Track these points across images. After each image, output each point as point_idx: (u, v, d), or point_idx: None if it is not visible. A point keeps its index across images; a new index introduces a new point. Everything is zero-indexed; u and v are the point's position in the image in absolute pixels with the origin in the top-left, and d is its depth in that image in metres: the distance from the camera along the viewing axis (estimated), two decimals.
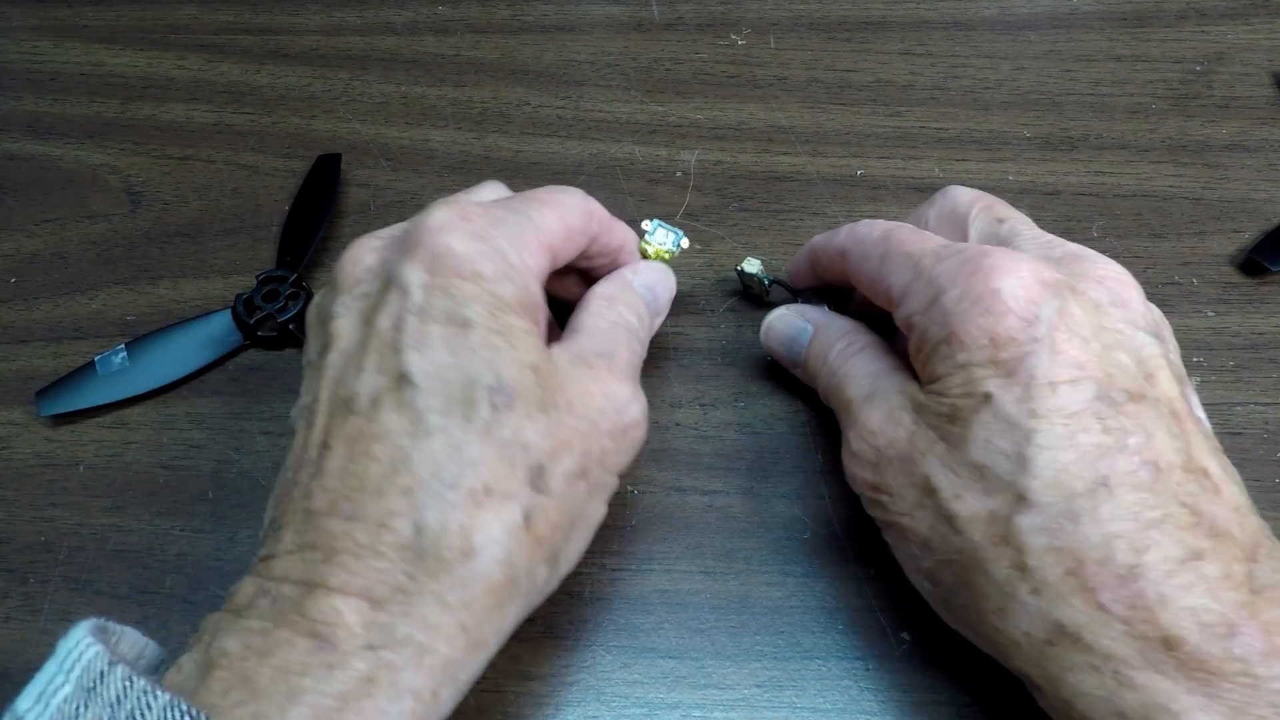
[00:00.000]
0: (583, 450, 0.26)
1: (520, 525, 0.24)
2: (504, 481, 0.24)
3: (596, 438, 0.26)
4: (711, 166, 0.41)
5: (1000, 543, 0.24)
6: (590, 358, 0.28)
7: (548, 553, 0.25)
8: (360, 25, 0.46)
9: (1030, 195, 0.40)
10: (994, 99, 0.43)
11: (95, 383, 0.35)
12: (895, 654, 0.30)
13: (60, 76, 0.44)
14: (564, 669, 0.30)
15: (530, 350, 0.25)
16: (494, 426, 0.24)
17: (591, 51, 0.45)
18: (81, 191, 0.41)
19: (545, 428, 0.25)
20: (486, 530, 0.23)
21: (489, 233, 0.26)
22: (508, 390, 0.24)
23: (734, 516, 0.32)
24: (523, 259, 0.27)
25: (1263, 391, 0.34)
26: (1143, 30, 0.45)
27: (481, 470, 0.24)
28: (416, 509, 0.23)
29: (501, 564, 0.24)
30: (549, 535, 0.25)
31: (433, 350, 0.24)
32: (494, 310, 0.25)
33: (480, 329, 0.25)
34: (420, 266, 0.25)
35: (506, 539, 0.24)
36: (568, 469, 0.25)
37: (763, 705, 0.29)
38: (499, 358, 0.25)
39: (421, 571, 0.23)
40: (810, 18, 0.46)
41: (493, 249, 0.26)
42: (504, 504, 0.24)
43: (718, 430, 0.34)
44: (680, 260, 0.37)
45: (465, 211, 0.26)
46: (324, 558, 0.23)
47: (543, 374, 0.25)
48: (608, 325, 0.29)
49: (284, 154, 0.42)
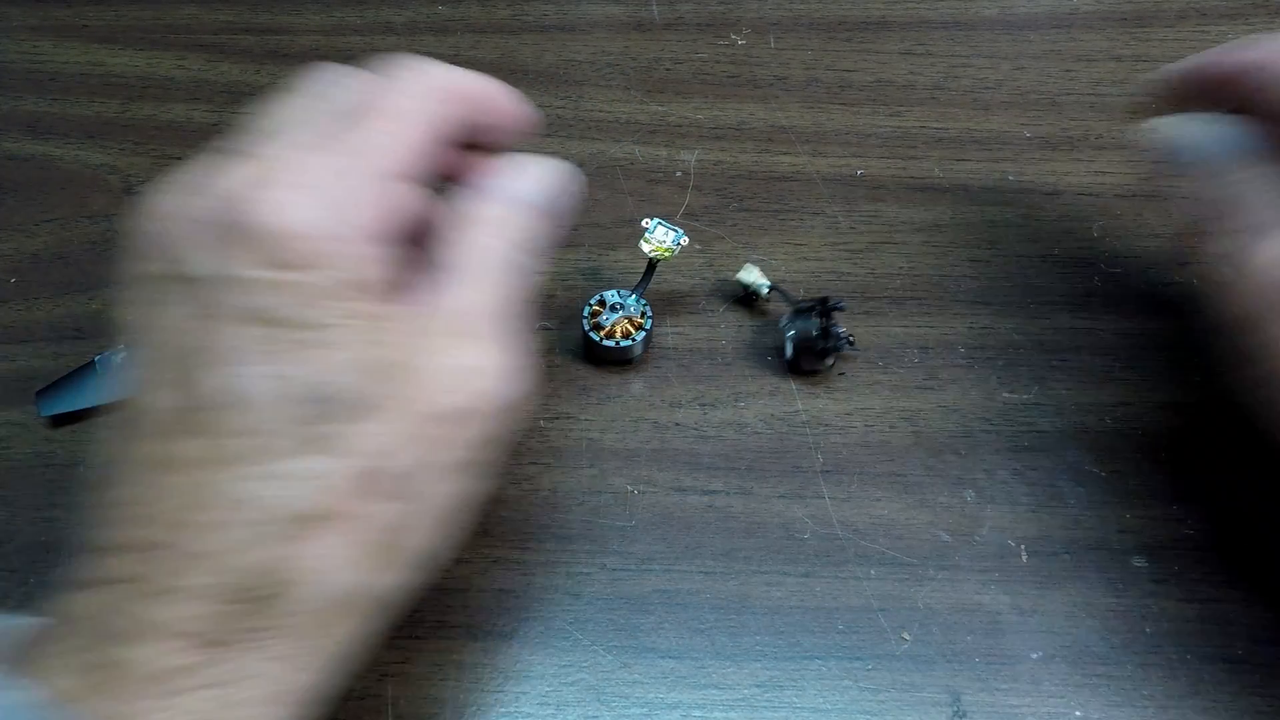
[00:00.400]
0: (436, 439, 0.23)
1: (351, 542, 0.21)
2: (332, 499, 0.21)
3: (454, 421, 0.23)
4: (711, 166, 0.41)
5: None
6: (452, 322, 0.24)
7: (389, 559, 0.22)
8: (360, 25, 0.46)
9: (1030, 195, 0.40)
10: (994, 99, 0.43)
11: (95, 383, 0.35)
12: (895, 654, 0.30)
13: (60, 76, 0.44)
14: (564, 669, 0.30)
15: (368, 343, 0.22)
16: (321, 440, 0.21)
17: (591, 51, 0.45)
18: (81, 191, 0.41)
19: (385, 428, 0.22)
20: (312, 556, 0.21)
21: (316, 200, 0.22)
22: (332, 398, 0.21)
23: (734, 516, 0.32)
24: (362, 217, 0.23)
25: None
26: (1143, 30, 0.45)
27: (306, 490, 0.21)
28: (233, 547, 0.20)
29: (331, 587, 0.21)
30: (388, 542, 0.22)
31: (247, 359, 0.21)
32: (323, 300, 0.21)
33: (305, 328, 0.21)
34: (233, 251, 0.21)
35: (339, 562, 0.21)
36: (412, 464, 0.22)
37: (763, 705, 0.29)
38: (329, 359, 0.21)
39: (248, 610, 0.20)
40: (810, 18, 0.46)
41: (323, 223, 0.22)
42: (331, 524, 0.21)
43: (718, 430, 0.34)
44: (680, 260, 0.37)
45: (287, 173, 0.22)
46: (149, 596, 0.20)
47: (383, 366, 0.22)
48: (483, 267, 0.25)
49: None
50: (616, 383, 0.35)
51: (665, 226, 0.34)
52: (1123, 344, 0.36)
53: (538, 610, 0.30)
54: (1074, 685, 0.29)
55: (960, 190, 0.40)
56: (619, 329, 0.34)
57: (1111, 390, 0.34)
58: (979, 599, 0.30)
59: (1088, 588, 0.31)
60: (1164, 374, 0.35)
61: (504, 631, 0.30)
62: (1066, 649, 0.30)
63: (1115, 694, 0.29)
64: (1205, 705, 0.28)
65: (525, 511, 0.32)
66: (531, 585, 0.31)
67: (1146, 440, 0.33)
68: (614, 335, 0.34)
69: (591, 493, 0.33)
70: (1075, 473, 0.33)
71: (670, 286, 0.37)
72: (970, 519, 0.32)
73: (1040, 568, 0.31)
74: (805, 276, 0.37)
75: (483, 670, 0.29)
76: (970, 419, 0.34)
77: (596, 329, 0.34)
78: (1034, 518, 0.32)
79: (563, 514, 0.32)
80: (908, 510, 0.32)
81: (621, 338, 0.34)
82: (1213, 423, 0.34)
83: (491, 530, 0.32)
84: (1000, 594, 0.31)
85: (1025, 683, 0.29)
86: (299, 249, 0.21)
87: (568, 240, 0.38)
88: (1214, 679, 0.29)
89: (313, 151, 0.23)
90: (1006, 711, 0.29)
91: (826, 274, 0.38)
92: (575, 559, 0.31)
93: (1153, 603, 0.30)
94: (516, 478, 0.33)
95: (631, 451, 0.34)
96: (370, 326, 0.22)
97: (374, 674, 0.29)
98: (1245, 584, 0.30)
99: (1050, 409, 0.34)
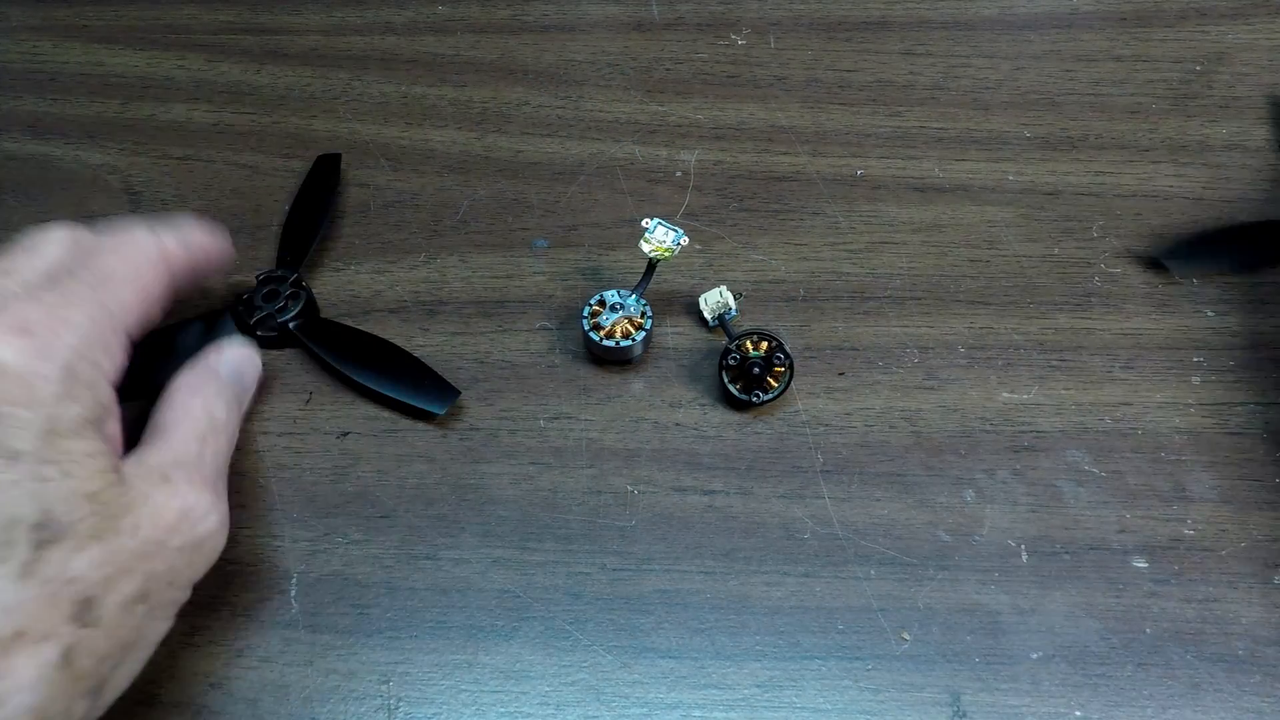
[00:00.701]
0: (146, 573, 0.25)
1: (57, 665, 0.22)
2: (41, 622, 0.22)
3: (165, 556, 0.25)
4: (711, 166, 0.41)
5: None
6: (169, 469, 0.26)
7: (90, 685, 0.24)
8: (360, 25, 0.46)
9: (1030, 195, 0.40)
10: (994, 99, 0.43)
11: None
12: (895, 654, 0.30)
13: (60, 76, 0.44)
14: (564, 669, 0.30)
15: (90, 478, 0.24)
16: (35, 565, 0.22)
17: (591, 51, 0.45)
18: (81, 191, 0.41)
19: (99, 557, 0.23)
20: (14, 678, 0.22)
21: (52, 346, 0.24)
22: (55, 525, 0.23)
23: (734, 516, 0.32)
24: (95, 363, 0.25)
25: (1262, 392, 0.34)
26: (1143, 30, 0.45)
27: (15, 615, 0.22)
28: None
29: (31, 710, 0.22)
30: (93, 668, 0.23)
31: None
32: (50, 437, 0.23)
33: (29, 460, 0.23)
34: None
35: (39, 684, 0.22)
36: (124, 596, 0.24)
37: (763, 705, 0.29)
38: (49, 491, 0.23)
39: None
40: (810, 18, 0.46)
41: (56, 367, 0.24)
42: (38, 647, 0.22)
43: (718, 430, 0.34)
44: (680, 260, 0.37)
45: (23, 321, 0.24)
46: None
47: (103, 500, 0.24)
48: (190, 423, 0.28)
49: (284, 154, 0.42)
50: (616, 383, 0.35)
51: (665, 226, 0.34)
52: (1123, 344, 0.36)
53: (538, 610, 0.31)
54: (1074, 685, 0.29)
55: (960, 190, 0.40)
56: (619, 329, 0.34)
57: (1111, 390, 0.34)
58: (979, 599, 0.30)
59: (1088, 588, 0.31)
60: (1164, 374, 0.35)
61: (504, 631, 0.30)
62: (1066, 649, 0.30)
63: (1115, 694, 0.29)
64: (1205, 705, 0.28)
65: (525, 511, 0.32)
66: (531, 585, 0.31)
67: (1146, 440, 0.33)
68: (614, 335, 0.34)
69: (591, 493, 0.33)
70: (1075, 473, 0.33)
71: (670, 286, 0.37)
72: (970, 519, 0.32)
73: (1040, 568, 0.31)
74: (805, 276, 0.37)
75: (483, 670, 0.29)
76: (970, 419, 0.34)
77: (596, 329, 0.34)
78: (1034, 518, 0.32)
79: (563, 514, 0.32)
80: (908, 510, 0.32)
81: (621, 338, 0.34)
82: (1213, 423, 0.34)
83: (491, 530, 0.32)
84: (1000, 594, 0.31)
85: (1025, 683, 0.29)
86: (47, 393, 0.24)
87: (567, 240, 0.39)
88: (1214, 679, 0.29)
89: (73, 301, 0.26)
90: (1006, 711, 0.29)
91: (826, 274, 0.38)
92: (575, 559, 0.31)
93: (1153, 603, 0.30)
94: (516, 478, 0.33)
95: (631, 451, 0.34)
96: (96, 464, 0.24)
97: (374, 674, 0.29)
98: (1245, 584, 0.30)
99: (1050, 409, 0.34)
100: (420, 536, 0.32)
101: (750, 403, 0.34)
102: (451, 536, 0.32)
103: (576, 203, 0.40)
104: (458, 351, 0.36)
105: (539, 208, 0.40)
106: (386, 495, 0.33)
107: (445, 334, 0.36)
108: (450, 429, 0.34)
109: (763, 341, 0.33)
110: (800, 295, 0.37)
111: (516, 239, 0.39)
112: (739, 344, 0.33)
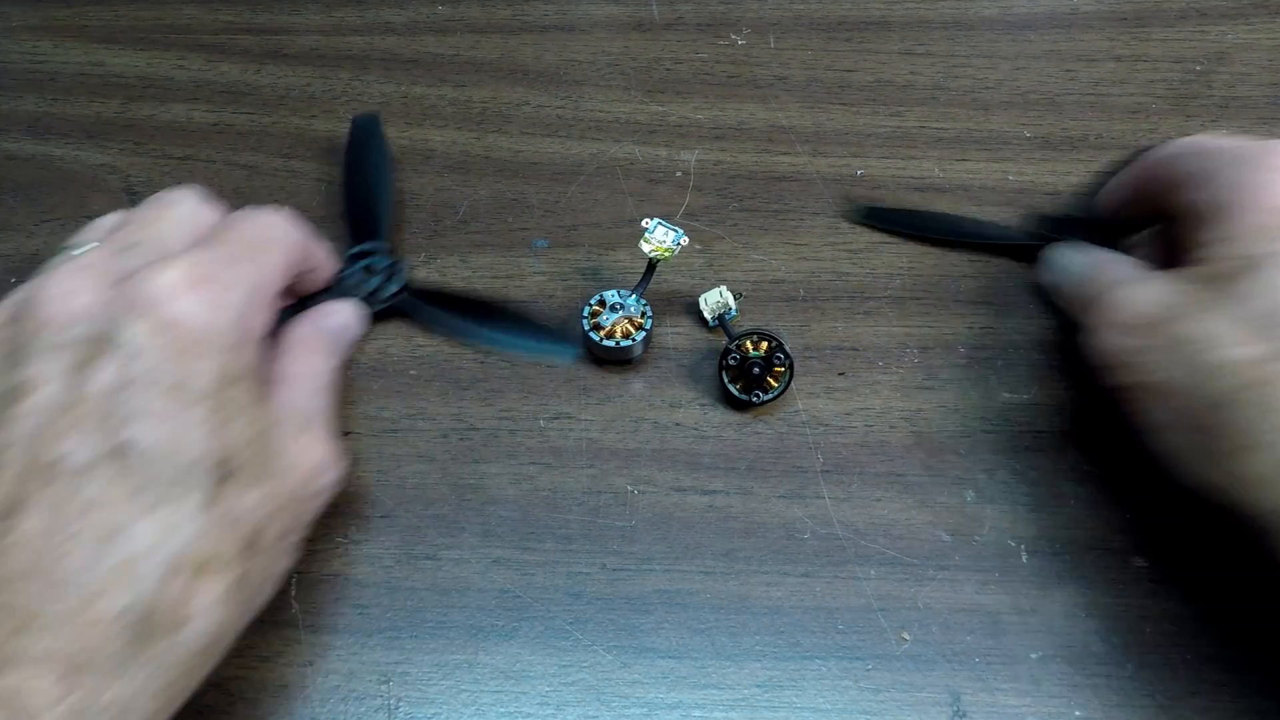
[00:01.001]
0: (292, 513, 0.27)
1: (231, 590, 0.25)
2: (222, 553, 0.25)
3: (303, 500, 0.28)
4: (711, 166, 0.41)
5: (1260, 384, 0.25)
6: (304, 420, 0.29)
7: (249, 609, 0.27)
8: (360, 25, 0.46)
9: (1030, 195, 0.40)
10: (994, 99, 0.43)
11: None
12: (895, 654, 0.30)
13: (60, 76, 0.44)
14: (564, 669, 0.30)
15: (254, 421, 0.26)
16: (215, 500, 0.25)
17: (591, 51, 0.45)
18: (81, 191, 0.41)
19: (261, 496, 0.26)
20: (201, 601, 0.24)
21: (225, 300, 0.26)
22: (230, 463, 0.25)
23: (734, 516, 0.32)
24: (255, 320, 0.28)
25: None
26: (1143, 30, 0.45)
27: (201, 544, 0.24)
28: (134, 582, 0.23)
29: (211, 630, 0.25)
30: (253, 595, 0.27)
31: (158, 421, 0.24)
32: (225, 382, 0.25)
33: (208, 402, 0.25)
34: (151, 329, 0.25)
35: (218, 607, 0.25)
36: (277, 532, 0.27)
37: (763, 705, 0.29)
38: (226, 432, 0.25)
39: (133, 641, 0.23)
40: (810, 18, 0.46)
41: (230, 319, 0.26)
42: (220, 574, 0.25)
43: (718, 430, 0.34)
44: (680, 260, 0.37)
45: (204, 273, 0.26)
46: (18, 626, 0.22)
47: (264, 442, 0.26)
48: (311, 377, 0.31)
49: (284, 154, 0.42)
50: (616, 383, 0.35)
51: (665, 226, 0.34)
52: None
53: (538, 610, 0.31)
54: (1074, 685, 0.29)
55: (960, 190, 0.40)
56: (619, 329, 0.34)
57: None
58: (979, 599, 0.30)
59: (1088, 588, 0.31)
60: None
61: (504, 631, 0.30)
62: (1066, 649, 0.30)
63: (1115, 694, 0.29)
64: (1205, 705, 0.28)
65: (525, 511, 0.32)
66: (531, 585, 0.31)
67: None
68: (614, 335, 0.34)
69: (591, 493, 0.33)
70: (1075, 473, 0.33)
71: (670, 287, 0.37)
72: (970, 519, 0.32)
73: (1040, 568, 0.31)
74: (805, 276, 0.37)
75: (483, 670, 0.29)
76: (970, 419, 0.34)
77: (596, 329, 0.34)
78: (1034, 518, 0.32)
79: (563, 514, 0.32)
80: (908, 510, 0.32)
81: (622, 338, 0.34)
82: None
83: (491, 530, 0.32)
84: (1000, 594, 0.31)
85: (1025, 683, 0.29)
86: (224, 342, 0.26)
87: (567, 240, 0.39)
88: (1214, 679, 0.29)
89: (239, 264, 0.28)
90: (1006, 711, 0.29)
91: (826, 274, 0.38)
92: (575, 559, 0.31)
93: (1153, 603, 0.30)
94: (516, 478, 0.33)
95: (631, 451, 0.34)
96: (258, 410, 0.27)
97: (374, 674, 0.29)
98: (1245, 584, 0.30)
99: (1050, 409, 0.34)
100: (420, 536, 0.32)
101: (750, 403, 0.34)
102: (451, 536, 0.32)
103: (576, 203, 0.40)
104: (458, 351, 0.36)
105: (539, 208, 0.40)
106: (386, 495, 0.33)
107: None
108: (450, 429, 0.34)
109: (763, 341, 0.33)
110: (800, 295, 0.37)
111: (516, 239, 0.39)
112: (739, 344, 0.33)
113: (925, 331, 0.36)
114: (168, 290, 0.25)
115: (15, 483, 0.23)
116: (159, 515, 0.24)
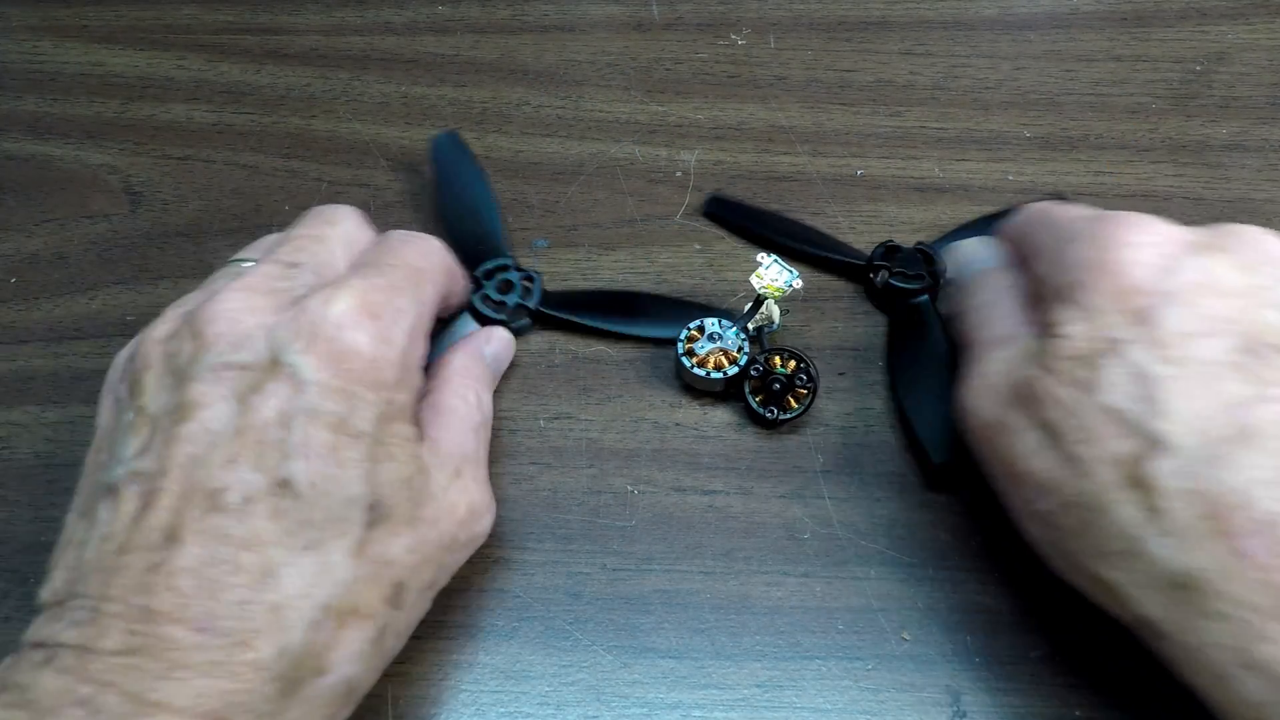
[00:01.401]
0: (439, 564, 0.26)
1: (374, 641, 0.24)
2: (367, 602, 0.24)
3: (452, 550, 0.27)
4: (711, 166, 0.41)
5: (1130, 485, 0.23)
6: (458, 463, 0.28)
7: (386, 661, 0.26)
8: (360, 25, 0.46)
9: (1030, 195, 0.39)
10: (994, 99, 0.43)
11: None
12: (895, 654, 0.30)
13: (60, 76, 0.44)
14: (564, 669, 0.30)
15: (409, 462, 0.25)
16: (366, 544, 0.24)
17: (591, 51, 0.45)
18: (81, 191, 0.41)
19: (410, 544, 0.25)
20: (343, 652, 0.23)
21: (393, 335, 0.26)
22: (382, 506, 0.24)
23: (734, 516, 0.32)
24: (415, 354, 0.27)
25: None
26: (1143, 30, 0.45)
27: (350, 591, 0.23)
28: (283, 629, 0.22)
29: (350, 680, 0.24)
30: (394, 646, 0.26)
31: (320, 458, 0.23)
32: (385, 420, 0.25)
33: (369, 440, 0.24)
34: (320, 361, 0.24)
35: (359, 658, 0.24)
36: (423, 583, 0.26)
37: (763, 705, 0.29)
38: (381, 472, 0.24)
39: (279, 693, 0.22)
40: (810, 18, 0.46)
41: (396, 355, 0.25)
42: (363, 624, 0.24)
43: (718, 430, 0.34)
44: (681, 260, 0.37)
45: (374, 303, 0.25)
46: (164, 670, 0.21)
47: (414, 486, 0.25)
48: (467, 412, 0.29)
49: (284, 154, 0.42)
50: (616, 383, 0.35)
51: (780, 265, 0.33)
52: None
53: (538, 610, 0.31)
54: (1074, 685, 0.29)
55: (960, 190, 0.40)
56: (712, 359, 0.33)
57: None
58: (979, 599, 0.30)
59: None
60: None
61: (504, 631, 0.30)
62: (1066, 648, 0.30)
63: (1115, 694, 0.29)
64: None
65: (525, 511, 0.32)
66: (531, 585, 0.31)
67: None
68: (705, 364, 0.33)
69: (591, 493, 0.33)
70: None
71: (670, 287, 0.37)
72: (970, 519, 0.32)
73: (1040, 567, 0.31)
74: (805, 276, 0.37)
75: (483, 670, 0.29)
76: None
77: (690, 354, 0.33)
78: None
79: (563, 514, 0.32)
80: (908, 510, 0.32)
81: (714, 369, 0.33)
82: None
83: (492, 530, 0.32)
84: (1000, 594, 0.31)
85: (1025, 683, 0.29)
86: (390, 378, 0.25)
87: (567, 240, 0.39)
88: None
89: (402, 296, 0.27)
90: (1006, 711, 0.29)
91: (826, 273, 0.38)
92: (575, 559, 0.31)
93: None
94: (517, 478, 0.33)
95: (631, 451, 0.34)
96: (411, 449, 0.25)
97: None
98: None
99: None
100: None
101: (766, 418, 0.33)
102: None
103: (576, 203, 0.40)
104: None
105: (539, 208, 0.40)
106: None
107: None
108: None
109: (791, 360, 0.33)
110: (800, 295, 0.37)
111: (516, 239, 0.39)
112: (767, 357, 0.33)
113: None
114: (337, 320, 0.24)
115: (174, 510, 0.22)
116: (311, 558, 0.23)
